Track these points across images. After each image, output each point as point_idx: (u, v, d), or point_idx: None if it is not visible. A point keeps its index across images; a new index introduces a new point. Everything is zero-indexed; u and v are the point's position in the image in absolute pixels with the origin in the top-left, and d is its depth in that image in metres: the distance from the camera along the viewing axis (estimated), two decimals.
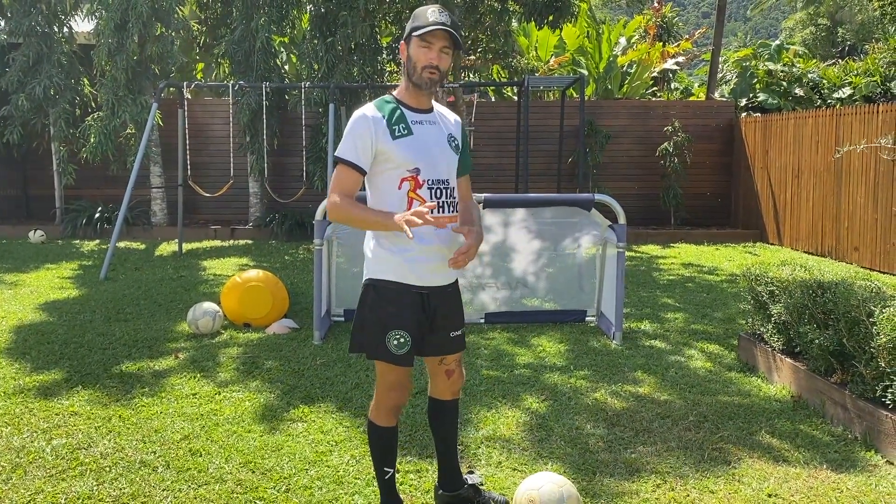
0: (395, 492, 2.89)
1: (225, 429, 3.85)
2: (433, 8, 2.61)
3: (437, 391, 2.95)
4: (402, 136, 2.63)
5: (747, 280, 4.98)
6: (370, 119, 2.61)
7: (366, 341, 2.69)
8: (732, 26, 68.99)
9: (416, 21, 2.61)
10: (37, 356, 5.09)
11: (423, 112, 2.72)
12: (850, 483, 3.31)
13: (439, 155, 2.70)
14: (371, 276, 2.73)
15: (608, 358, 5.19)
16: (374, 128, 2.60)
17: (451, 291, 2.81)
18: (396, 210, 2.62)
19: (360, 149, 2.61)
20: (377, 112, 2.64)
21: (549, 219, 6.22)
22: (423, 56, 2.59)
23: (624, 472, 3.41)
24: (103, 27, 10.62)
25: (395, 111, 2.66)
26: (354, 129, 2.61)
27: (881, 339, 3.57)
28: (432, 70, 2.60)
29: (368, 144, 2.60)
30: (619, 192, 11.99)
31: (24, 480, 3.25)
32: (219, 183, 10.58)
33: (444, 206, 2.68)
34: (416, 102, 2.70)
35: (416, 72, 2.61)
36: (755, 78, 14.95)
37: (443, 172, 2.70)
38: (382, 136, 2.61)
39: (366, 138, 2.60)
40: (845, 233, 9.61)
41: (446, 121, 2.81)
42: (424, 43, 2.59)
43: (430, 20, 2.57)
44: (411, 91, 2.68)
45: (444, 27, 2.56)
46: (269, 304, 5.90)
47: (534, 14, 11.38)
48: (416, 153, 2.63)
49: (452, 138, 2.77)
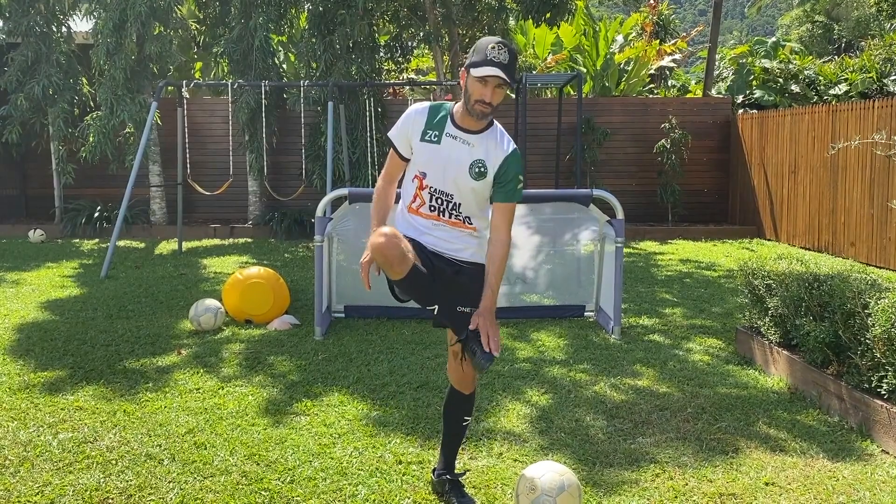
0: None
1: (229, 422, 3.89)
2: (494, 43, 2.63)
3: (457, 382, 3.02)
4: (428, 142, 2.78)
5: (744, 274, 5.03)
6: (415, 113, 2.82)
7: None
8: (729, 24, 69.08)
9: (476, 54, 2.65)
10: (41, 353, 5.13)
11: (467, 132, 2.77)
12: (846, 472, 3.36)
13: (452, 172, 2.75)
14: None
15: (607, 352, 5.24)
16: (413, 122, 2.81)
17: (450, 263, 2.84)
18: (407, 196, 2.89)
19: (401, 136, 2.84)
20: (428, 110, 2.81)
21: (548, 215, 6.27)
22: (477, 91, 2.67)
23: (624, 461, 3.46)
24: (102, 27, 10.64)
25: (442, 118, 2.79)
26: (404, 117, 2.84)
27: (876, 331, 3.62)
28: (484, 105, 2.67)
29: (406, 135, 2.82)
30: (617, 190, 12.00)
31: (31, 473, 3.29)
32: (218, 181, 10.61)
33: (441, 211, 2.82)
34: (463, 122, 2.78)
35: (469, 101, 2.70)
36: (752, 75, 15.01)
37: (448, 187, 2.78)
38: (415, 133, 2.80)
39: (405, 129, 2.82)
40: (842, 228, 9.67)
41: (488, 148, 2.76)
42: (480, 80, 2.65)
43: (488, 58, 2.59)
44: (462, 112, 2.76)
45: (497, 75, 2.58)
46: (271, 300, 5.94)
47: (531, 12, 11.43)
48: (428, 161, 2.78)
49: (479, 165, 2.75)
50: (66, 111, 11.31)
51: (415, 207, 2.84)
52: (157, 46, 10.91)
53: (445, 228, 2.83)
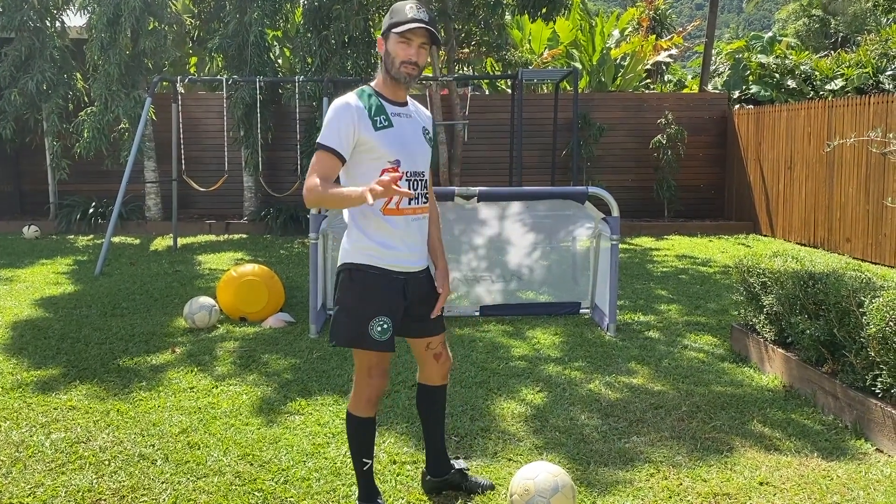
0: (373, 483, 2.93)
1: (223, 422, 3.88)
2: (411, 3, 2.63)
3: (428, 377, 3.00)
4: (384, 128, 2.66)
5: (739, 271, 5.03)
6: (353, 108, 2.62)
7: (349, 330, 2.70)
8: (725, 17, 69.02)
9: (394, 16, 2.63)
10: (34, 351, 5.11)
11: (400, 105, 2.75)
12: (841, 471, 3.36)
13: (417, 148, 2.75)
14: (351, 261, 2.73)
15: (602, 349, 5.24)
16: (356, 116, 2.62)
17: (423, 277, 2.86)
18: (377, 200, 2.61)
19: (342, 136, 2.61)
20: (359, 101, 2.66)
21: (544, 212, 6.26)
22: (401, 52, 2.62)
23: (618, 461, 3.45)
24: (96, 22, 10.59)
25: (376, 102, 2.69)
26: (337, 116, 2.62)
27: (871, 329, 3.62)
28: (411, 66, 2.63)
29: (350, 133, 2.61)
30: (613, 185, 12.05)
31: (23, 474, 3.28)
32: (213, 177, 10.57)
33: (419, 197, 2.75)
34: (394, 95, 2.73)
35: (394, 66, 2.64)
36: (748, 70, 15.00)
37: (419, 165, 2.76)
38: (364, 126, 2.62)
39: (348, 127, 2.61)
40: (837, 224, 9.68)
41: (420, 114, 2.86)
42: (403, 39, 2.61)
43: (409, 16, 2.59)
44: (389, 84, 2.70)
45: (424, 25, 2.58)
46: (265, 298, 5.92)
47: (527, 7, 11.40)
48: (397, 145, 2.67)
49: (426, 132, 2.83)
50: (60, 106, 11.26)
51: (393, 206, 2.68)
52: (152, 41, 10.87)
53: (421, 220, 2.78)
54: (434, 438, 3.07)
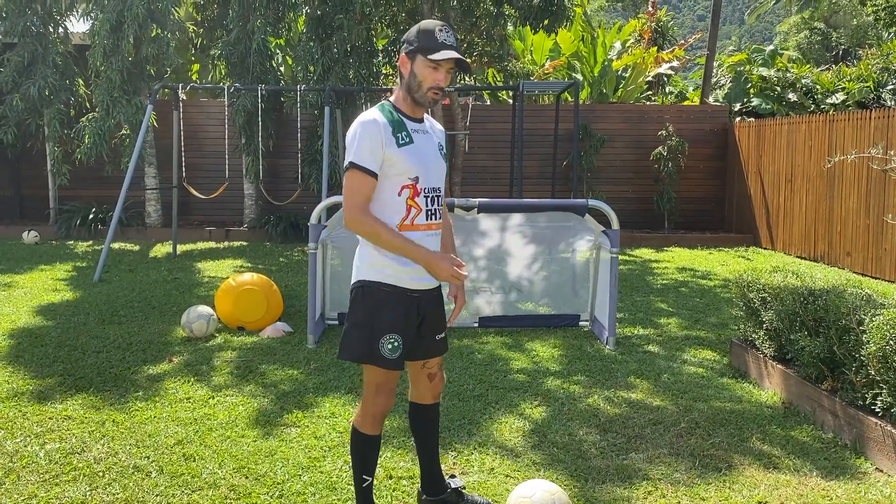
0: (371, 500, 2.90)
1: (219, 433, 3.86)
2: (440, 26, 2.62)
3: (420, 395, 2.99)
4: (406, 145, 2.65)
5: (739, 286, 5.01)
6: (381, 125, 2.61)
7: (359, 346, 2.70)
8: (727, 29, 69.23)
9: (423, 39, 2.60)
10: (30, 359, 5.09)
11: (418, 121, 2.75)
12: (840, 490, 3.33)
13: (434, 164, 2.75)
14: (365, 279, 2.73)
15: (602, 363, 5.22)
16: (383, 133, 2.60)
17: (436, 294, 2.85)
18: (394, 216, 2.65)
19: (374, 154, 2.59)
20: (383, 118, 2.64)
21: (544, 223, 6.25)
22: (430, 77, 2.61)
23: (616, 478, 3.43)
24: (98, 28, 10.60)
25: (396, 118, 2.67)
26: (367, 133, 2.59)
27: (871, 348, 3.60)
28: (437, 91, 2.63)
29: (380, 150, 2.59)
30: (614, 196, 12.05)
31: (17, 485, 3.25)
32: (214, 184, 10.57)
33: (434, 213, 2.75)
34: (412, 112, 2.73)
35: (420, 90, 2.63)
36: (749, 83, 15.02)
37: (436, 181, 2.76)
38: (389, 143, 2.61)
39: (377, 144, 2.59)
40: (838, 238, 9.66)
41: (435, 129, 2.85)
42: (433, 65, 2.59)
43: (440, 41, 2.58)
44: (409, 103, 2.70)
45: (456, 55, 2.58)
46: (264, 307, 5.90)
47: (529, 18, 11.41)
48: (417, 162, 2.66)
49: (441, 147, 2.83)
50: (61, 112, 11.27)
51: (409, 222, 2.67)
52: (154, 48, 10.88)
53: (435, 236, 2.78)
54: (428, 456, 3.04)
